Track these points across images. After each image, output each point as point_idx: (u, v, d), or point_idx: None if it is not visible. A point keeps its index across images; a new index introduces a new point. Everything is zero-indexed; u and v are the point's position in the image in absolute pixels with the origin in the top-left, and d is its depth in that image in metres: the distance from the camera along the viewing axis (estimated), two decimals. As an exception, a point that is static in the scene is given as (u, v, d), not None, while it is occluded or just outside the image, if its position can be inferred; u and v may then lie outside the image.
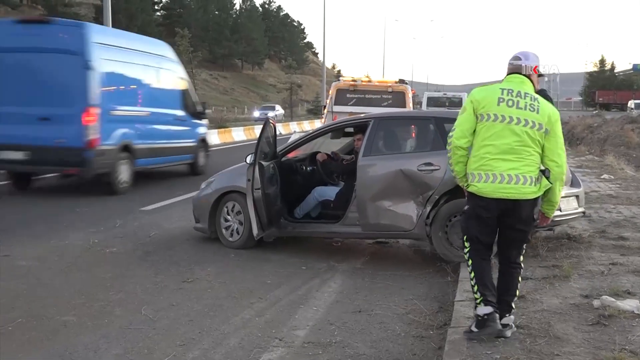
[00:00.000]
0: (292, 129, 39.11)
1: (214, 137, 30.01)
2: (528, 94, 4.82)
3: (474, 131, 4.89)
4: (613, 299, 5.45)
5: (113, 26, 24.65)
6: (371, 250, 8.58)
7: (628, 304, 5.34)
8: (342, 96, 17.39)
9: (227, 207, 8.51)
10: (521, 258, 4.94)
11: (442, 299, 6.38)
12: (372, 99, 17.22)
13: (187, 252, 8.17)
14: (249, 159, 7.89)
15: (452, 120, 7.76)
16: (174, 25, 79.96)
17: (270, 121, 8.25)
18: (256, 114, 58.93)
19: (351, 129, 8.93)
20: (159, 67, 15.04)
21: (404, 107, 17.05)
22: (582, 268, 6.67)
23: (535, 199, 4.80)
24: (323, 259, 7.93)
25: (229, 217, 8.49)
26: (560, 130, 4.78)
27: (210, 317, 5.83)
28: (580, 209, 7.90)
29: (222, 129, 33.37)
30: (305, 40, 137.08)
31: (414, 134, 8.44)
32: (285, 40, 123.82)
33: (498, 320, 4.77)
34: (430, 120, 7.91)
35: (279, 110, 63.24)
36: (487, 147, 4.78)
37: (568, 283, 6.16)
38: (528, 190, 4.71)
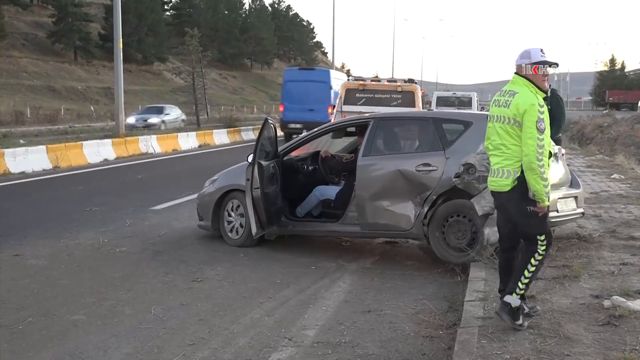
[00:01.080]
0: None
1: (224, 137, 30.09)
2: (510, 91, 5.05)
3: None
4: (624, 299, 5.42)
5: (123, 25, 24.73)
6: (381, 250, 8.56)
7: (639, 304, 5.31)
8: (351, 96, 17.37)
9: (229, 205, 8.60)
10: (540, 249, 4.98)
11: (451, 298, 6.37)
12: (381, 98, 17.20)
13: (196, 252, 8.19)
14: (250, 158, 7.94)
15: (450, 121, 7.89)
16: (183, 24, 79.75)
17: (270, 121, 8.29)
18: (131, 119, 34.51)
19: (353, 129, 8.95)
20: (338, 84, 26.89)
21: (414, 106, 17.03)
22: (592, 268, 6.63)
23: (514, 191, 4.97)
24: (332, 258, 7.94)
25: (231, 215, 8.59)
26: (530, 120, 4.82)
27: (219, 317, 5.84)
28: (579, 210, 7.86)
29: (232, 129, 33.39)
30: (314, 40, 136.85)
31: (413, 135, 8.45)
32: (295, 40, 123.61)
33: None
34: (429, 121, 7.91)
35: (173, 113, 38.84)
36: (488, 145, 5.22)
37: (578, 283, 6.13)
38: (503, 183, 5.02)
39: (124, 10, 28.22)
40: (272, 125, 8.31)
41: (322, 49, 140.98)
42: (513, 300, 4.94)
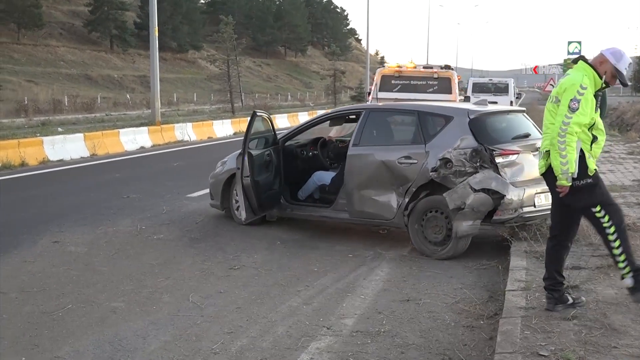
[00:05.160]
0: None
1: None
2: (567, 73, 5.08)
3: None
4: (671, 290, 5.26)
5: (158, 14, 24.79)
6: (418, 238, 8.46)
7: (687, 295, 5.15)
8: (387, 82, 17.16)
9: (237, 186, 8.81)
10: (604, 220, 4.93)
11: (491, 287, 6.27)
12: (417, 85, 16.97)
13: (233, 239, 8.18)
14: (251, 146, 8.38)
15: (433, 114, 7.90)
16: (217, 12, 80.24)
17: (258, 113, 8.64)
18: None
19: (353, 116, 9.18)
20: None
21: (450, 93, 16.77)
22: (637, 257, 6.45)
23: (549, 172, 4.97)
24: (370, 246, 7.88)
25: (238, 195, 8.78)
26: (566, 97, 4.84)
27: (257, 305, 5.82)
28: None
29: (266, 116, 33.37)
30: (348, 27, 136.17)
31: (399, 127, 8.61)
32: (329, 27, 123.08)
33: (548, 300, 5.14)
34: (414, 114, 7.99)
35: None
36: None
37: (623, 273, 5.97)
38: (540, 164, 5.07)
39: (159, -2, 28.29)
40: (264, 117, 8.77)
41: (356, 36, 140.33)
42: (627, 282, 4.94)
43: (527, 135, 7.83)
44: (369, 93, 18.35)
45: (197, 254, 7.54)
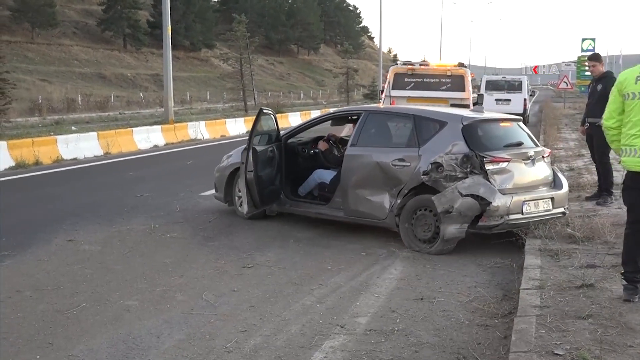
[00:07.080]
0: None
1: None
2: None
3: (623, 111, 5.12)
4: (688, 289, 5.23)
5: (171, 12, 24.81)
6: (432, 236, 8.44)
7: None
8: (400, 80, 17.08)
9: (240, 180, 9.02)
10: None
11: (506, 286, 6.24)
12: (430, 83, 16.89)
13: (246, 238, 8.18)
14: (256, 141, 8.60)
15: (430, 119, 8.02)
16: (230, 11, 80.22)
17: (264, 110, 8.94)
18: None
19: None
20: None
21: (463, 90, 16.68)
22: None
23: None
24: (383, 244, 7.86)
25: (241, 190, 8.97)
26: None
27: (271, 303, 5.82)
28: (557, 210, 7.84)
29: (279, 114, 33.37)
30: (361, 25, 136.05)
31: (395, 130, 8.71)
32: (341, 25, 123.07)
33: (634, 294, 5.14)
34: (410, 117, 8.16)
35: None
36: (628, 123, 5.05)
37: None
38: None
39: (172, -3, 28.36)
40: (269, 114, 8.96)
41: (369, 34, 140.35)
42: None
43: (519, 144, 7.91)
44: (382, 91, 18.28)
45: (210, 252, 7.54)
